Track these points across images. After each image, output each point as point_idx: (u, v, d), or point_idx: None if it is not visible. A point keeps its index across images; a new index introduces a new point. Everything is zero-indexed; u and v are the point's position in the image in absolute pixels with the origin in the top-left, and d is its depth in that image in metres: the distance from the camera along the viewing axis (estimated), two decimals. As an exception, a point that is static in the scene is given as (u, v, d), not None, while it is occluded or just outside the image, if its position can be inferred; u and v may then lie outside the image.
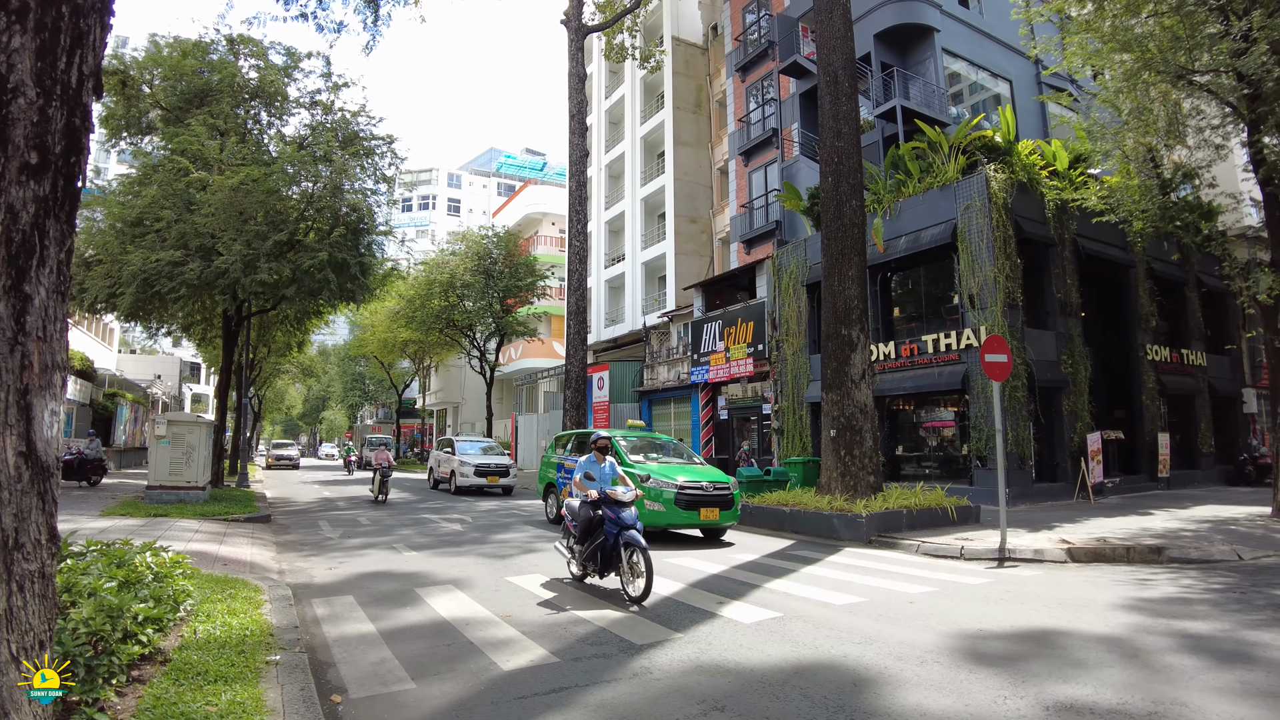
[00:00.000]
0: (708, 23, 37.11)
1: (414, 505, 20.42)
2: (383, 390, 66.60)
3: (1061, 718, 4.35)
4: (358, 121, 21.86)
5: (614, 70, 41.69)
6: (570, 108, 26.71)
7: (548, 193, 53.78)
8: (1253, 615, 6.84)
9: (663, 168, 36.63)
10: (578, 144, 26.47)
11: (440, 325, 40.61)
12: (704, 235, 35.73)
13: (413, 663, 5.57)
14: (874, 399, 14.61)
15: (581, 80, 26.72)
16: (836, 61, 14.89)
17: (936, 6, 23.38)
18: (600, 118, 42.68)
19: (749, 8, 31.21)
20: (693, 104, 36.47)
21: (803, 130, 25.97)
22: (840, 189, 14.60)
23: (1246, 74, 12.60)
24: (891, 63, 23.29)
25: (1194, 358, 23.17)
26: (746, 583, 8.71)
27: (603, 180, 42.20)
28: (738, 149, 30.42)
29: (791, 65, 25.38)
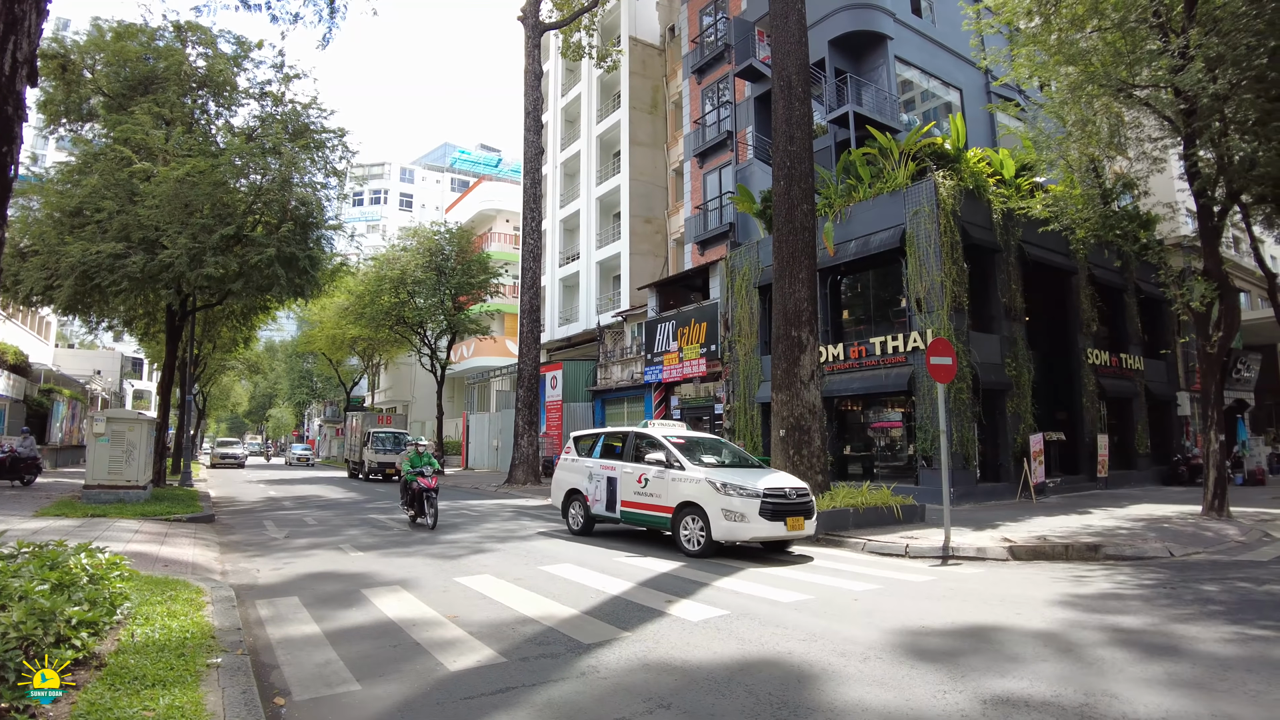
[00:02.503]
0: (665, 24, 37.24)
1: (361, 505, 20.17)
2: (331, 388, 65.64)
3: (997, 711, 4.46)
4: (309, 114, 21.48)
5: (570, 68, 41.60)
6: (526, 105, 26.63)
7: (502, 189, 53.45)
8: (1181, 610, 7.09)
9: (618, 167, 36.66)
10: (533, 141, 26.39)
11: (390, 322, 40.09)
12: (659, 235, 35.84)
13: (358, 664, 5.51)
14: (823, 400, 14.81)
15: (538, 78, 26.65)
16: (791, 66, 15.05)
17: (890, 15, 23.78)
18: (556, 115, 42.56)
19: (706, 10, 31.38)
20: (649, 104, 36.55)
21: (757, 134, 26.20)
22: (792, 193, 14.76)
23: (1183, 90, 13.05)
24: (845, 69, 23.62)
25: (1132, 362, 23.91)
26: (695, 581, 8.77)
27: (558, 178, 42.08)
28: (693, 150, 30.57)
29: (747, 69, 25.59)
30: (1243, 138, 14.16)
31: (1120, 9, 14.59)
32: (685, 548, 10.80)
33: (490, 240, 48.68)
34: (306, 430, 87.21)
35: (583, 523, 13.20)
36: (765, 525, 10.30)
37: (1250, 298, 33.08)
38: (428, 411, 49.84)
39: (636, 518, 12.04)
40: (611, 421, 34.10)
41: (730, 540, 10.52)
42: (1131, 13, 14.33)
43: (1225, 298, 15.19)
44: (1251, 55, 12.52)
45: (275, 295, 22.59)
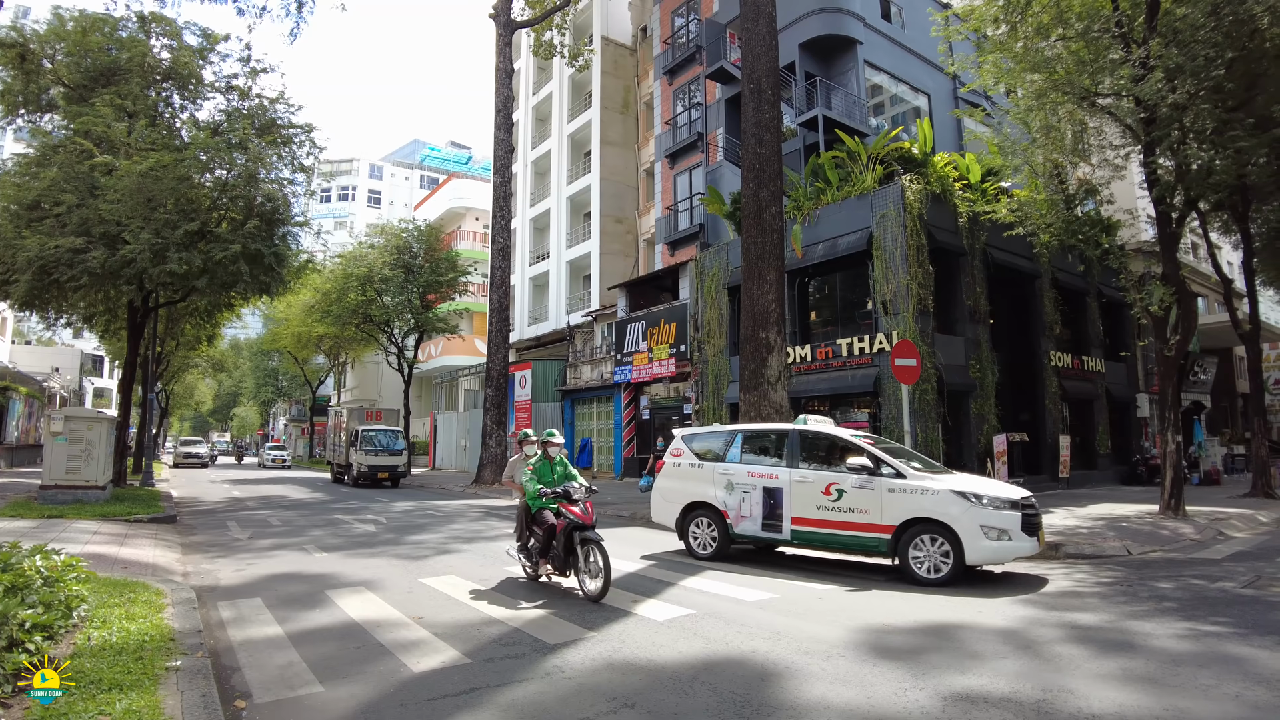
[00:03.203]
0: (637, 24, 37.27)
1: (326, 505, 19.98)
2: (297, 387, 64.87)
3: (957, 707, 4.53)
4: (276, 109, 21.23)
5: (542, 67, 41.49)
6: (497, 103, 26.52)
7: (472, 187, 53.15)
8: (1137, 607, 7.24)
9: (589, 166, 36.63)
10: (503, 139, 26.30)
11: (357, 320, 39.69)
12: (629, 235, 35.86)
13: (321, 665, 5.47)
14: (790, 400, 14.90)
15: (509, 75, 26.56)
16: (761, 69, 15.13)
17: (860, 20, 23.99)
18: (527, 114, 42.43)
19: (678, 11, 31.46)
20: (620, 104, 36.55)
21: (727, 135, 26.31)
22: (761, 195, 14.84)
23: (1144, 99, 13.31)
24: (815, 72, 23.79)
25: (1093, 364, 24.34)
26: (660, 580, 8.80)
27: (528, 177, 41.96)
28: (664, 151, 30.62)
29: (718, 71, 25.68)
30: (1200, 147, 14.48)
31: (1084, 19, 14.88)
32: (918, 575, 8.68)
33: (459, 238, 48.39)
34: (272, 430, 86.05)
35: (715, 546, 10.33)
36: (1026, 542, 8.58)
37: (1207, 302, 33.82)
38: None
39: (822, 539, 9.55)
40: (581, 421, 34.06)
41: (991, 563, 8.89)
42: (1095, 23, 14.61)
43: (1183, 302, 15.52)
44: (1209, 66, 12.82)
45: (240, 292, 22.32)
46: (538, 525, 8.39)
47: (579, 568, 7.85)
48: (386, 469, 27.54)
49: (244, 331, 63.27)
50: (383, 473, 27.55)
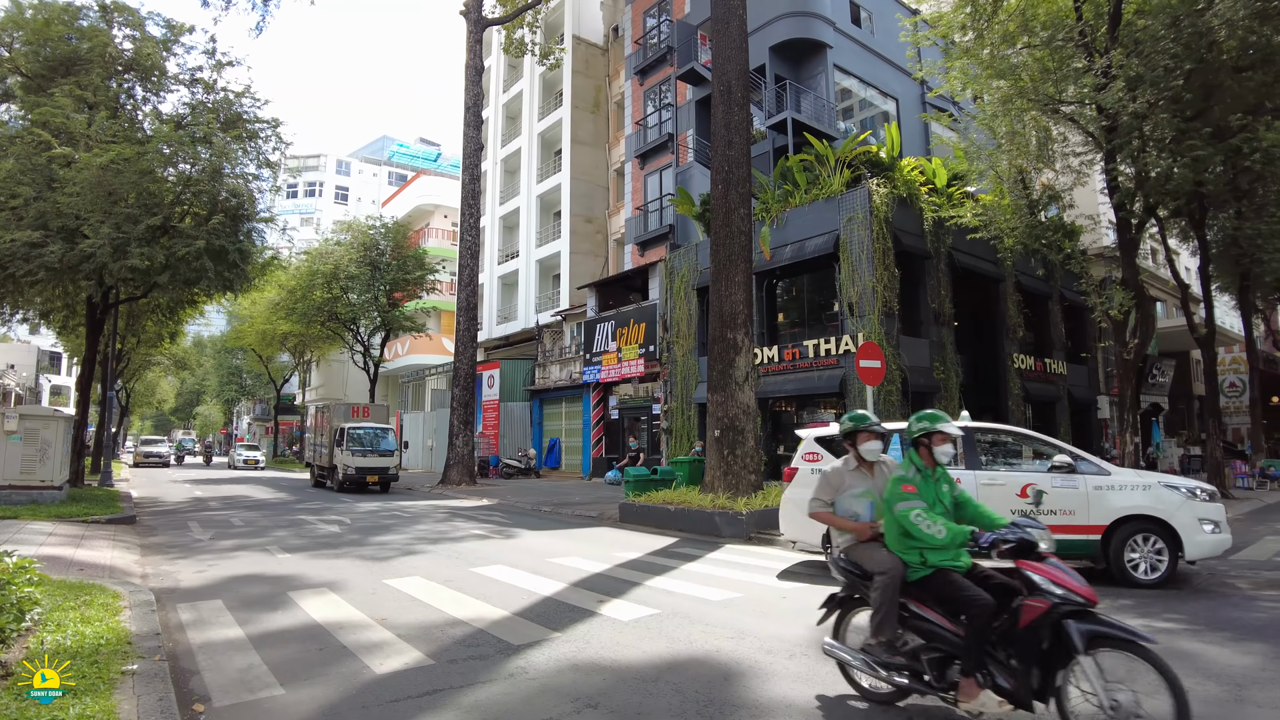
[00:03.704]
0: (609, 24, 37.26)
1: (290, 505, 19.75)
2: (261, 385, 63.91)
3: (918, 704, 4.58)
4: (241, 103, 20.94)
5: (513, 65, 41.37)
6: (467, 100, 26.38)
7: (441, 184, 52.86)
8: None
9: (559, 165, 36.58)
10: (473, 137, 26.16)
11: (322, 318, 39.29)
12: (599, 235, 35.85)
13: (282, 668, 5.41)
14: (757, 400, 15.00)
15: (479, 73, 26.42)
16: (731, 71, 15.20)
17: (830, 24, 24.19)
18: (497, 112, 42.25)
19: (650, 12, 31.50)
20: (591, 104, 36.53)
21: (697, 137, 26.40)
22: (730, 197, 14.91)
23: (1105, 107, 13.59)
24: (785, 76, 23.94)
25: (1056, 366, 24.75)
26: (628, 581, 8.81)
27: (498, 175, 41.80)
28: (634, 151, 30.65)
29: (689, 72, 25.76)
30: (1159, 155, 14.82)
31: (1049, 28, 15.16)
32: (1135, 578, 8.27)
33: (427, 236, 48.08)
34: (235, 428, 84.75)
35: None
36: (1226, 534, 8.35)
37: (1166, 307, 34.52)
38: (361, 410, 48.99)
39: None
40: (550, 421, 34.01)
41: (1207, 557, 8.48)
42: (1059, 32, 14.89)
43: (1141, 306, 15.87)
44: (1168, 77, 13.12)
45: (204, 289, 22.00)
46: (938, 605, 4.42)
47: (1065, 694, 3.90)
48: (376, 472, 24.46)
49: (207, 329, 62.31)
50: (372, 476, 24.35)
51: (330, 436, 25.88)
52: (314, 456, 29.14)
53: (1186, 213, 20.67)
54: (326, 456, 26.36)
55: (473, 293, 26.18)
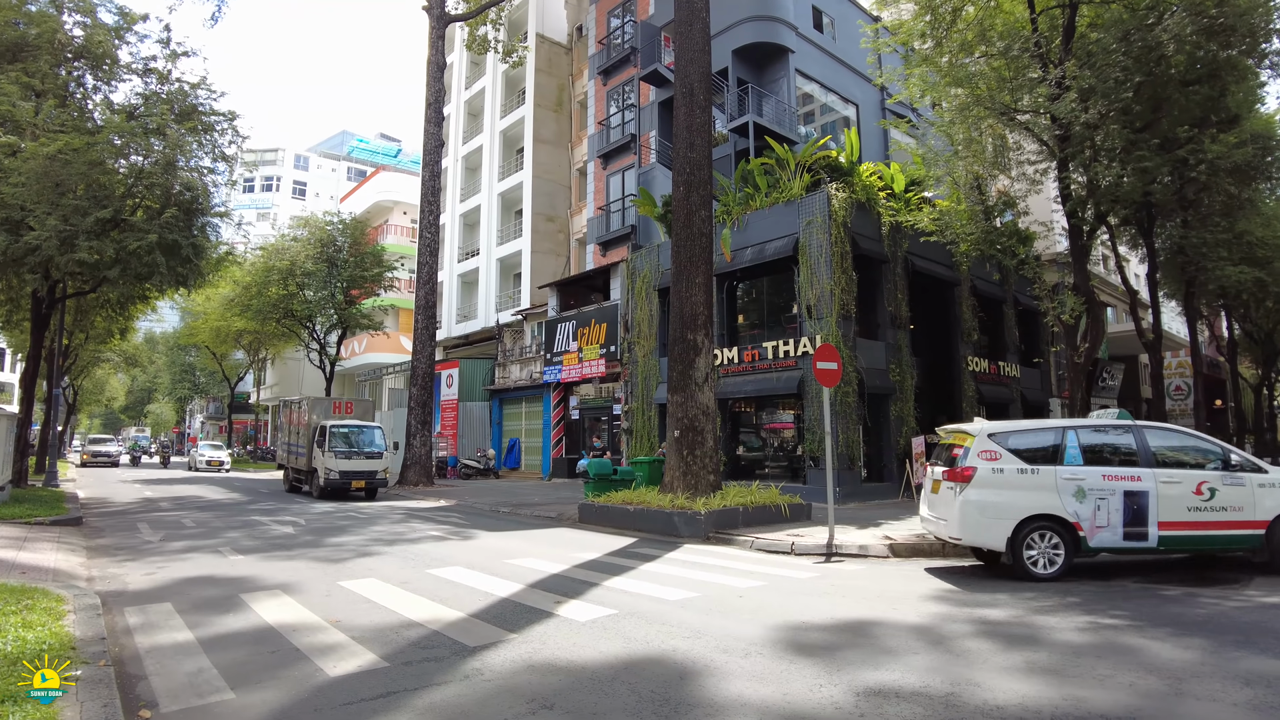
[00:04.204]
0: (573, 23, 37.19)
1: (243, 506, 19.42)
2: (215, 383, 62.73)
3: (870, 702, 4.64)
4: (197, 94, 20.51)
5: (475, 62, 41.08)
6: (428, 96, 26.15)
7: (401, 180, 52.35)
8: (1043, 602, 7.53)
9: (521, 164, 36.42)
10: (434, 133, 25.95)
11: (278, 315, 38.65)
12: (561, 234, 35.77)
13: (233, 672, 5.32)
14: (717, 401, 15.09)
15: (441, 69, 26.21)
16: (693, 74, 15.25)
17: (793, 29, 24.38)
18: (459, 108, 41.95)
19: (614, 12, 31.48)
20: (554, 102, 36.43)
21: (660, 138, 26.46)
22: (691, 199, 14.97)
23: (1059, 117, 13.90)
24: (748, 79, 24.09)
25: (1009, 369, 25.23)
26: (586, 581, 8.79)
27: (459, 172, 41.49)
28: (597, 151, 30.62)
29: (652, 73, 25.81)
30: (1110, 164, 15.19)
31: (1006, 38, 15.47)
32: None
33: (386, 232, 47.59)
34: (188, 427, 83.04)
35: (1061, 562, 8.83)
36: None
37: (1116, 312, 35.37)
38: (317, 409, 48.30)
39: (1191, 542, 8.91)
40: (510, 421, 33.83)
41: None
42: (1015, 42, 15.19)
43: (1092, 311, 16.24)
44: (1119, 89, 13.47)
45: (156, 284, 21.53)
46: None
47: None
48: (362, 476, 21.65)
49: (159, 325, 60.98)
50: (358, 481, 21.58)
51: (309, 436, 23.09)
52: (288, 458, 25.97)
53: (1136, 221, 21.25)
54: (304, 458, 23.48)
55: (431, 290, 25.95)
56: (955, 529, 9.16)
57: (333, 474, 21.27)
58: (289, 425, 26.22)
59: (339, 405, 24.66)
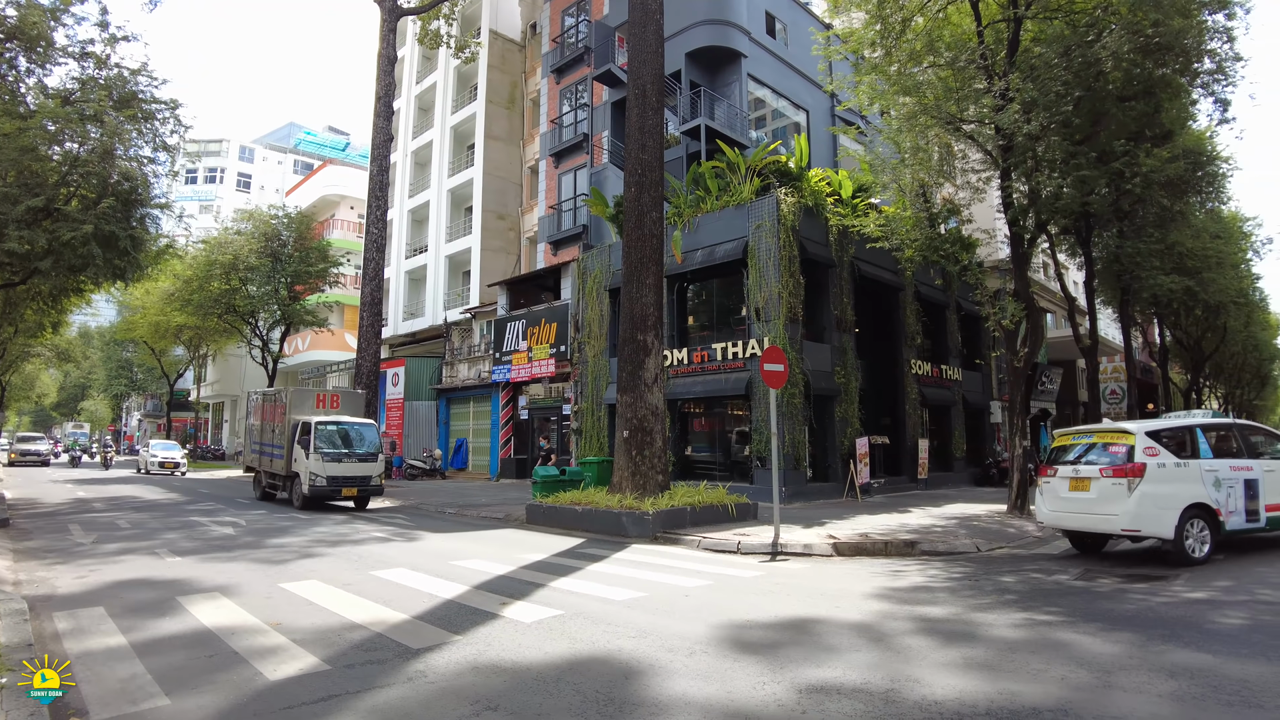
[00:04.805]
0: (527, 20, 37.00)
1: (182, 506, 18.94)
2: (153, 380, 61.01)
3: (811, 699, 4.71)
4: (137, 81, 19.86)
5: (427, 56, 40.62)
6: (378, 90, 25.77)
7: (348, 174, 51.50)
8: (981, 600, 7.72)
9: (472, 160, 36.11)
10: (383, 127, 25.59)
11: (220, 310, 37.69)
12: (512, 232, 35.54)
13: (168, 677, 5.19)
14: (666, 402, 15.15)
15: (392, 63, 25.85)
16: (646, 75, 15.29)
17: (746, 33, 24.57)
18: (410, 103, 41.43)
19: (568, 11, 31.40)
20: (506, 99, 36.20)
21: (613, 139, 26.46)
22: (642, 200, 15.00)
23: (1002, 128, 14.22)
24: (700, 82, 24.23)
25: (951, 373, 25.78)
26: (532, 582, 8.76)
27: (408, 167, 40.96)
28: (549, 150, 30.51)
29: (605, 73, 25.80)
30: (1050, 175, 15.58)
31: (953, 49, 15.78)
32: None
33: (332, 227, 46.77)
34: (124, 425, 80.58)
35: (1209, 545, 9.88)
36: None
37: (1055, 318, 36.31)
38: (260, 406, 47.22)
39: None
40: (457, 421, 33.53)
41: None
42: (962, 53, 15.52)
43: (1031, 317, 16.66)
44: (1060, 102, 13.84)
45: (91, 277, 20.80)
46: None
47: None
48: (355, 483, 18.49)
49: (95, 319, 59.18)
50: (349, 488, 18.41)
51: (288, 434, 19.62)
52: (260, 460, 22.42)
53: (1075, 230, 21.91)
54: (282, 460, 19.95)
55: (378, 287, 25.59)
56: (1128, 521, 9.75)
57: (319, 480, 18.02)
58: (262, 422, 22.52)
59: (322, 398, 21.38)
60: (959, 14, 16.54)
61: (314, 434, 18.20)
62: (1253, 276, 34.10)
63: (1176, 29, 13.76)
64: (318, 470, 18.02)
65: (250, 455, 23.54)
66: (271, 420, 21.55)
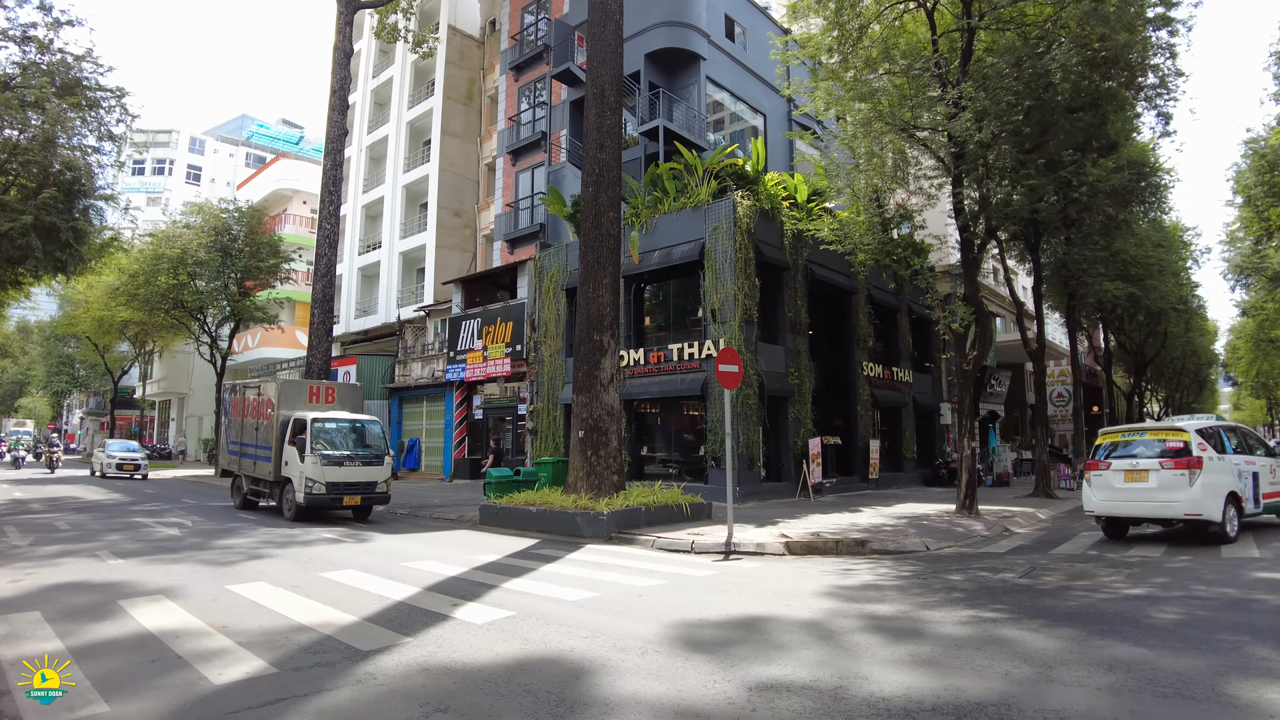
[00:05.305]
0: (486, 16, 36.73)
1: (125, 507, 18.46)
2: (96, 376, 59.26)
3: (761, 697, 4.74)
4: (82, 67, 19.35)
5: (384, 50, 40.11)
6: (333, 83, 25.34)
7: (302, 168, 50.61)
8: (929, 597, 7.85)
9: (428, 156, 35.75)
10: (337, 121, 25.17)
11: (167, 306, 36.64)
12: (468, 230, 35.25)
13: (107, 682, 5.04)
14: (622, 402, 15.17)
15: (348, 56, 25.44)
16: (605, 75, 15.29)
17: (705, 36, 24.69)
18: (366, 97, 40.87)
19: (528, 8, 31.25)
20: (464, 96, 35.90)
21: (571, 138, 26.41)
22: (600, 200, 15.00)
23: (955, 135, 14.49)
24: (659, 84, 24.29)
25: (902, 375, 26.21)
26: (484, 584, 8.71)
27: (363, 162, 40.40)
28: (506, 147, 30.33)
29: (564, 72, 25.73)
30: (1000, 183, 15.92)
31: (908, 57, 16.04)
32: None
33: (284, 222, 45.92)
34: (65, 424, 78.22)
35: (1238, 528, 11.84)
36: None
37: (1004, 322, 37.11)
38: (206, 405, 46.26)
39: (1273, 506, 12.80)
40: (410, 421, 33.18)
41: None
42: (917, 62, 15.78)
43: (981, 321, 17.00)
44: (1010, 112, 14.14)
45: (30, 269, 20.23)
46: None
47: None
48: (358, 490, 15.94)
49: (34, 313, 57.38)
50: (351, 496, 15.86)
51: (276, 432, 17.02)
52: (240, 463, 19.13)
53: (1024, 237, 22.42)
54: (268, 463, 17.22)
55: (330, 284, 25.16)
56: (1190, 507, 11.25)
57: (316, 486, 15.46)
58: (243, 419, 19.35)
59: (315, 391, 18.40)
60: (914, 22, 16.83)
61: (311, 433, 15.80)
62: (1192, 284, 35.32)
63: (1122, 43, 14.16)
64: (315, 475, 15.49)
65: (228, 458, 20.27)
66: (255, 417, 18.59)
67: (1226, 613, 6.92)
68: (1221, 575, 8.85)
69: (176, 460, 50.02)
